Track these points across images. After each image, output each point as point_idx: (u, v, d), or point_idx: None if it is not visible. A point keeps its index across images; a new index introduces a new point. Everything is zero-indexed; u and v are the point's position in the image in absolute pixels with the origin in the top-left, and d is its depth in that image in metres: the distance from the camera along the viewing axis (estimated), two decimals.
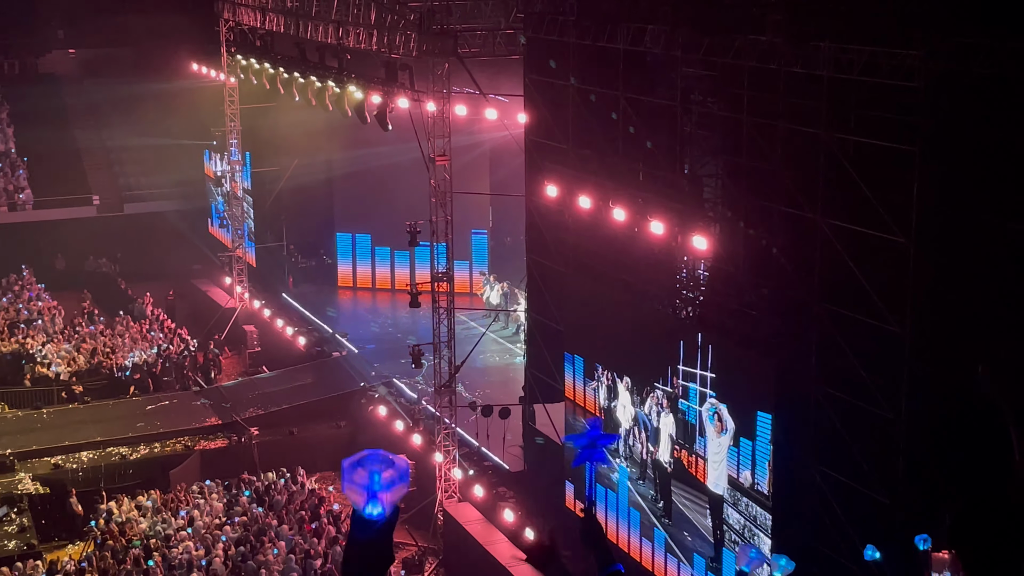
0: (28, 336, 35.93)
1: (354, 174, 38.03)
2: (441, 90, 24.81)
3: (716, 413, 18.42)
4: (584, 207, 21.53)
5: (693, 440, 19.16)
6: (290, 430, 30.22)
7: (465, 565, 24.24)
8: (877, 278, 15.78)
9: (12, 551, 24.95)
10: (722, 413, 18.29)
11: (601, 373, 21.69)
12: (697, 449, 19.08)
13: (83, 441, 29.42)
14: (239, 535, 24.78)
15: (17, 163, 45.26)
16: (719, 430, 18.39)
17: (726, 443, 18.26)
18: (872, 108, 15.85)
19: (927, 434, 15.55)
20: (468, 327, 32.98)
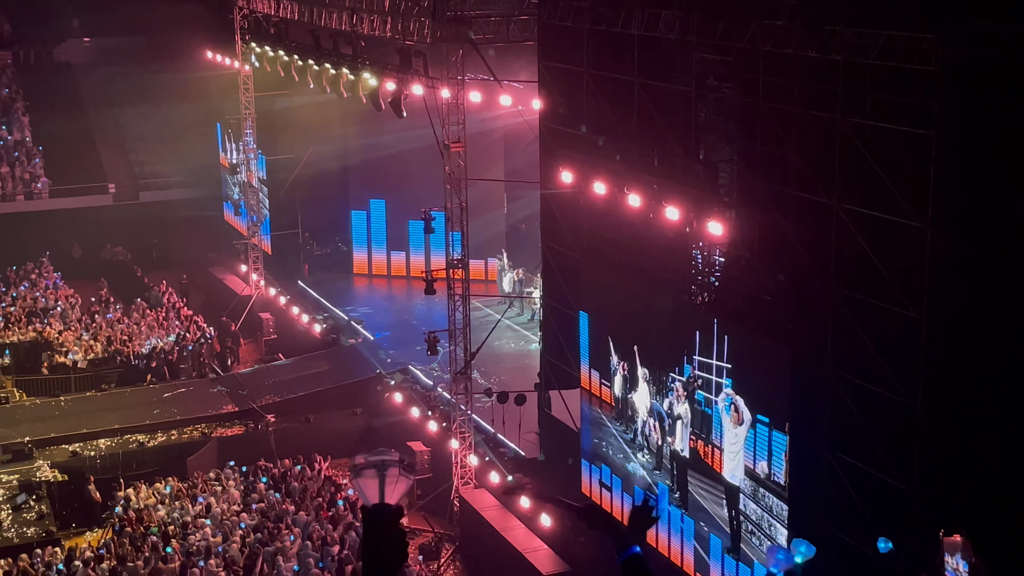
0: (46, 324, 36.11)
1: (369, 161, 38.06)
2: (455, 76, 24.79)
3: (732, 404, 18.39)
4: (599, 193, 21.49)
5: (709, 431, 19.14)
6: (306, 417, 30.32)
7: (481, 551, 24.30)
8: (893, 263, 15.72)
9: (31, 538, 25.11)
10: (738, 404, 18.26)
11: (618, 363, 21.68)
12: (713, 439, 19.05)
13: (101, 429, 29.57)
14: (256, 522, 24.88)
15: (33, 152, 45.41)
16: (736, 421, 18.37)
17: (743, 434, 18.24)
18: (888, 92, 15.78)
19: (944, 419, 15.50)
20: (483, 314, 33.01)
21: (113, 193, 45.07)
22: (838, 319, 16.83)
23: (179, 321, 36.76)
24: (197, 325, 36.38)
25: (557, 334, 24.84)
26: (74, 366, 33.37)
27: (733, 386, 18.36)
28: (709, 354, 18.82)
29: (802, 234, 17.51)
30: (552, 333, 25.29)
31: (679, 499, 20.16)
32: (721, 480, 18.99)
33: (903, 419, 15.82)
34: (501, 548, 23.21)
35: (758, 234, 18.41)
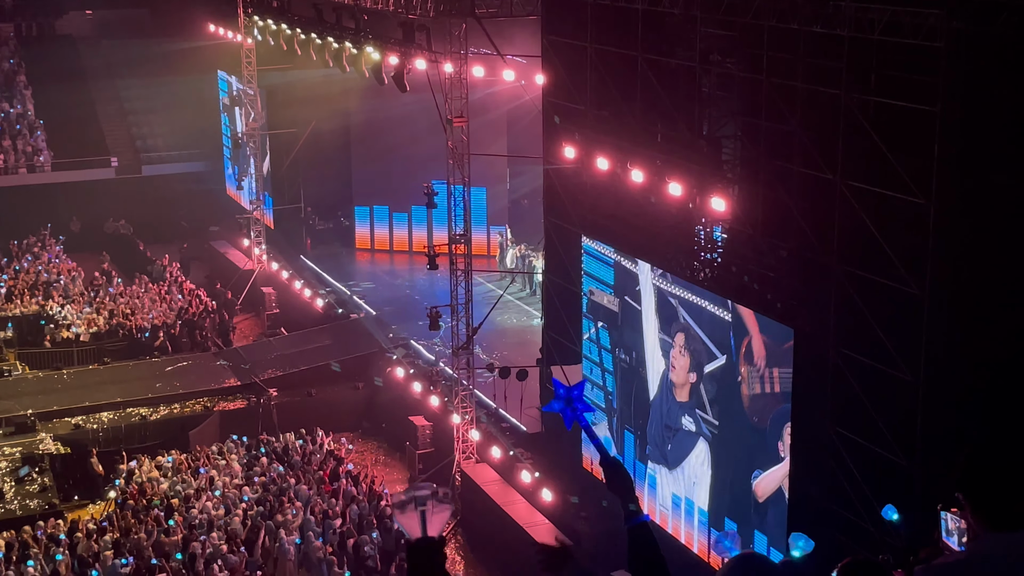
0: (49, 298, 36.15)
1: (371, 135, 38.00)
2: (458, 51, 24.71)
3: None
4: (602, 169, 21.45)
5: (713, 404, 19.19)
6: (308, 391, 30.38)
7: (483, 525, 24.38)
8: (896, 239, 15.69)
9: (34, 510, 25.22)
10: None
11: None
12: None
13: (103, 402, 29.65)
14: (258, 495, 24.96)
15: (35, 125, 45.33)
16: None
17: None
18: (892, 68, 15.71)
19: (945, 396, 15.51)
20: (485, 289, 33.01)
21: (115, 166, 45.01)
22: (841, 295, 16.82)
23: (181, 295, 36.79)
24: (199, 299, 36.41)
25: (559, 309, 24.84)
26: (76, 339, 33.43)
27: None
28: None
29: (805, 210, 17.48)
30: (554, 308, 25.29)
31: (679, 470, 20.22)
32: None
33: (905, 395, 15.83)
34: (502, 522, 23.29)
35: (761, 210, 18.39)
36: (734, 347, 18.45)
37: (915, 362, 15.62)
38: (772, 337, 17.61)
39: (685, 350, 19.82)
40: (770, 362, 17.73)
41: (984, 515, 3.84)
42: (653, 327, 20.64)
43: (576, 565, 4.88)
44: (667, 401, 20.52)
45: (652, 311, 20.62)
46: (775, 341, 17.54)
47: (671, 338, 20.19)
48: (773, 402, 17.76)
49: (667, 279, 20.13)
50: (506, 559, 23.31)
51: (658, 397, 20.81)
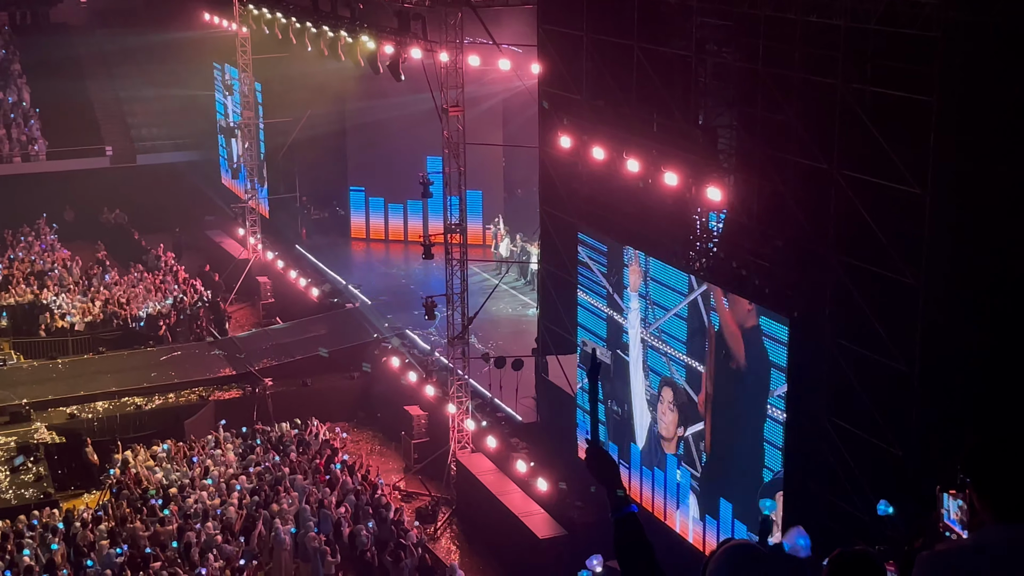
0: (44, 287, 36.12)
1: (367, 125, 37.93)
2: (454, 40, 24.66)
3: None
4: (598, 158, 21.42)
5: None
6: (304, 381, 30.36)
7: (478, 515, 24.40)
8: (892, 229, 15.69)
9: (29, 499, 25.20)
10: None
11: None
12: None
13: (98, 391, 29.62)
14: (253, 485, 24.96)
15: (30, 113, 45.22)
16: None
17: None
18: (889, 58, 15.69)
19: (941, 386, 15.52)
20: (481, 279, 32.99)
21: (110, 156, 44.93)
22: (836, 285, 16.82)
23: (176, 284, 36.76)
24: (194, 288, 36.38)
25: (555, 300, 24.83)
26: (71, 328, 33.39)
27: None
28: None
29: (801, 200, 17.47)
30: (550, 299, 25.28)
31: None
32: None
33: (900, 385, 15.84)
34: (497, 512, 23.30)
35: (757, 200, 18.37)
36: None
37: (911, 352, 15.63)
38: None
39: (673, 406, 19.96)
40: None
41: (990, 503, 3.84)
42: (640, 381, 20.82)
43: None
44: (656, 453, 20.65)
45: (640, 365, 20.79)
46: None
47: (658, 392, 20.34)
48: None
49: (654, 334, 20.24)
50: (502, 548, 23.33)
51: (646, 447, 20.94)
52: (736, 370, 18.46)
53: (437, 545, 24.17)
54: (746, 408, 18.30)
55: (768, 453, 17.82)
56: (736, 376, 18.52)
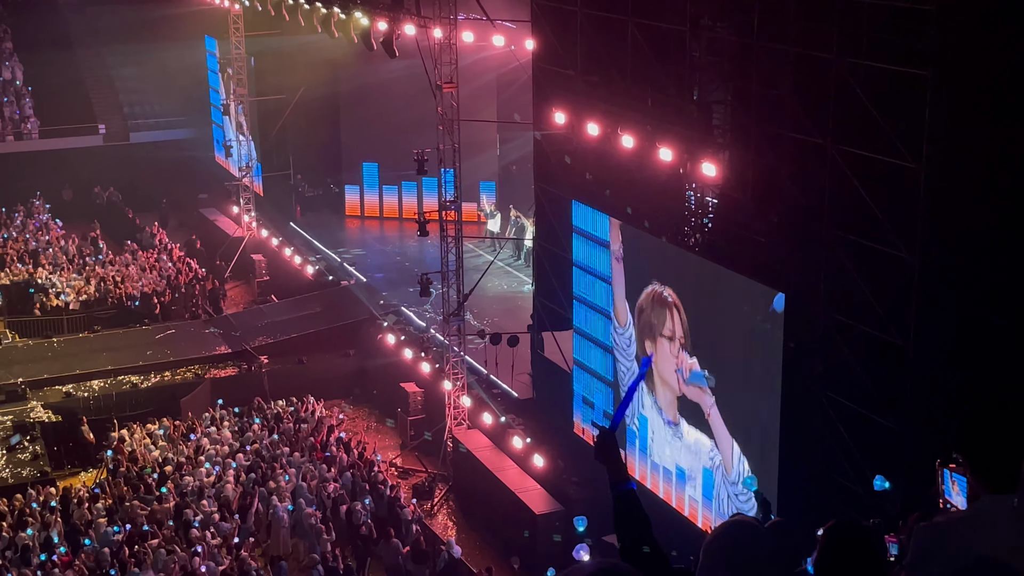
0: (39, 266, 36.08)
1: (360, 101, 37.83)
2: (448, 16, 24.57)
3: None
4: (592, 134, 21.40)
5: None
6: (299, 358, 30.38)
7: (474, 491, 24.47)
8: (887, 204, 15.70)
9: (26, 478, 25.26)
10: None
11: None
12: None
13: (94, 370, 29.63)
14: (251, 462, 25.01)
15: (23, 92, 45.05)
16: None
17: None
18: (884, 32, 15.66)
19: (935, 359, 15.57)
20: (476, 255, 32.99)
21: (103, 134, 44.80)
22: (831, 260, 16.84)
23: (171, 263, 36.72)
24: (189, 266, 36.35)
25: (549, 276, 24.84)
26: (66, 307, 33.37)
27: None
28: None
29: (796, 175, 17.47)
30: (545, 275, 25.29)
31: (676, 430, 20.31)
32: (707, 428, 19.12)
33: (895, 359, 15.88)
34: (494, 488, 23.37)
35: (752, 175, 18.37)
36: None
37: (905, 326, 15.67)
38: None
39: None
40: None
41: (983, 476, 3.88)
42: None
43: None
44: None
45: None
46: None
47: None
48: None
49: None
50: (498, 524, 23.41)
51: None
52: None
53: (434, 521, 24.25)
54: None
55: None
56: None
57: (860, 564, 4.23)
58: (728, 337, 18.70)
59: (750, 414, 18.23)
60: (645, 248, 20.78)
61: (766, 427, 17.87)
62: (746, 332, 18.19)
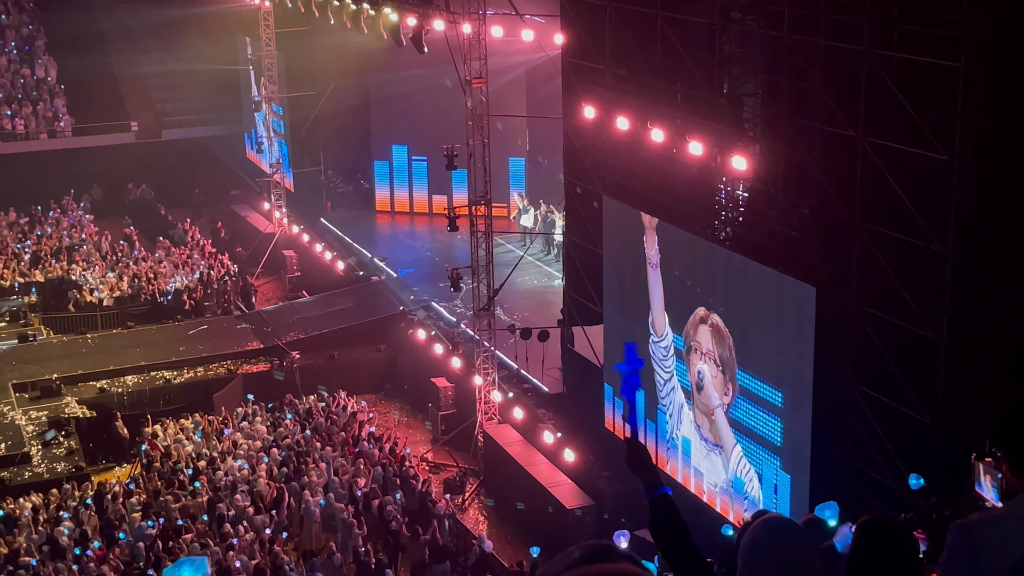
0: (73, 263, 36.39)
1: (390, 97, 37.89)
2: (477, 11, 24.58)
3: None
4: (622, 128, 21.35)
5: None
6: (330, 353, 30.50)
7: (505, 486, 24.50)
8: (919, 196, 15.60)
9: (61, 473, 25.47)
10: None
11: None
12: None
13: (128, 366, 29.85)
14: (283, 457, 25.14)
15: (56, 90, 45.40)
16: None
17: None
18: (915, 23, 15.56)
19: (968, 353, 15.46)
20: (506, 250, 32.99)
21: (135, 131, 45.09)
22: (863, 253, 16.75)
23: (203, 259, 36.95)
24: (221, 263, 36.56)
25: (580, 270, 24.82)
26: (100, 304, 33.63)
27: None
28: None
29: (827, 168, 17.38)
30: (575, 269, 25.27)
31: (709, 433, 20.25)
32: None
33: (928, 353, 15.78)
34: (525, 482, 23.39)
35: (782, 168, 18.29)
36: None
37: (938, 319, 15.57)
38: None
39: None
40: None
41: (1021, 472, 3.82)
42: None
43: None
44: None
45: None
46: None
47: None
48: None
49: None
50: (529, 518, 23.43)
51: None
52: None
53: (465, 516, 24.30)
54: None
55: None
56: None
57: (893, 558, 4.22)
58: (761, 338, 18.62)
59: (781, 405, 18.15)
60: (682, 257, 20.54)
61: (797, 421, 17.79)
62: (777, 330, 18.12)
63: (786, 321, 17.83)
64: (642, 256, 21.37)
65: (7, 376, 29.41)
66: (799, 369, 17.53)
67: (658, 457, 21.14)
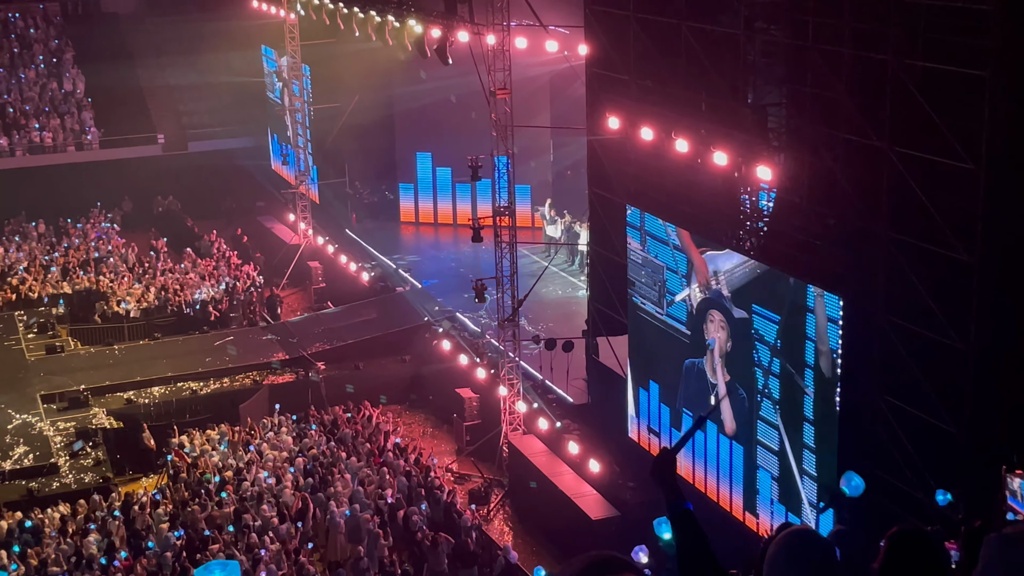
0: (100, 274, 36.63)
1: (415, 109, 38.01)
2: (501, 22, 24.63)
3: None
4: (646, 139, 21.35)
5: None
6: (356, 364, 30.56)
7: (531, 496, 24.47)
8: (945, 205, 15.52)
9: (89, 484, 25.62)
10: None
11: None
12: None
13: (154, 377, 30.00)
14: (308, 467, 25.19)
15: (83, 103, 45.74)
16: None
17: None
18: (941, 32, 15.49)
19: (996, 363, 15.36)
20: (530, 260, 33.01)
21: (162, 143, 45.38)
22: (890, 263, 16.67)
23: (228, 271, 37.11)
24: (247, 274, 36.72)
25: (604, 280, 24.80)
26: (127, 315, 33.83)
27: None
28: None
29: (853, 177, 17.31)
30: (599, 279, 25.25)
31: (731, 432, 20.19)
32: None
33: (955, 363, 15.69)
34: (550, 493, 23.36)
35: (808, 178, 18.23)
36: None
37: (965, 329, 15.47)
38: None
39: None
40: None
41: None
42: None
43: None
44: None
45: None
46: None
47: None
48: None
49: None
50: (554, 529, 23.40)
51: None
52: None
53: (490, 527, 24.29)
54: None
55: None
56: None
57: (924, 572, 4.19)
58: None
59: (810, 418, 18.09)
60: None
61: (824, 432, 17.72)
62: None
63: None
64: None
65: (35, 387, 29.63)
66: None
67: (695, 472, 21.07)
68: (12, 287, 35.88)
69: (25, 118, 44.44)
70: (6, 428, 27.69)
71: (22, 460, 26.43)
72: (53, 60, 47.47)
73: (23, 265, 37.68)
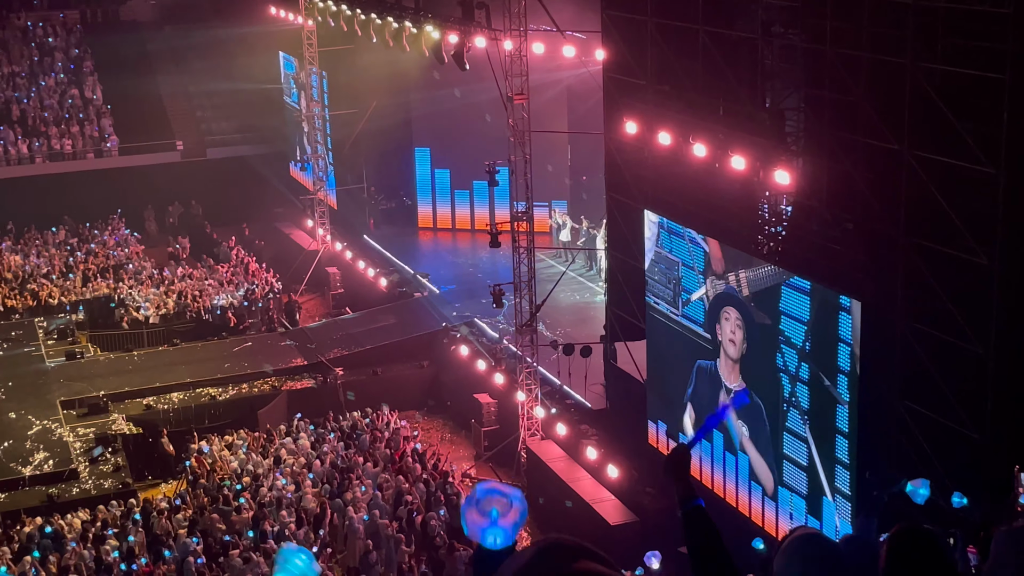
0: (120, 280, 36.78)
1: (432, 114, 38.06)
2: (518, 28, 24.65)
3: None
4: (664, 143, 21.33)
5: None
6: (374, 370, 30.61)
7: (548, 501, 24.43)
8: (965, 210, 15.46)
9: (108, 490, 25.72)
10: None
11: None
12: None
13: (173, 382, 30.10)
14: (327, 473, 25.22)
15: (102, 110, 45.97)
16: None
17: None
18: (960, 36, 15.45)
19: (1016, 368, 15.29)
20: (548, 266, 33.00)
21: (181, 150, 45.57)
22: (908, 267, 16.61)
23: (246, 278, 37.22)
24: (266, 280, 36.82)
25: (622, 285, 24.77)
26: (146, 321, 33.96)
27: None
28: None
29: (871, 181, 17.26)
30: (617, 284, 25.23)
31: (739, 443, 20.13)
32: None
33: (975, 368, 15.62)
34: (568, 498, 23.33)
35: (826, 182, 18.18)
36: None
37: (985, 334, 15.40)
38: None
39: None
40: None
41: None
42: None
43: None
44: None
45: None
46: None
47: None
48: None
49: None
50: (573, 534, 23.29)
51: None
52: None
53: None
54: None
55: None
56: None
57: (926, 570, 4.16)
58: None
59: (825, 424, 18.01)
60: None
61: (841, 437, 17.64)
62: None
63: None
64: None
65: (55, 393, 29.78)
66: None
67: (714, 475, 21.02)
68: (32, 293, 36.06)
69: (45, 125, 44.69)
70: (26, 434, 27.84)
71: (42, 466, 26.56)
72: (72, 68, 47.70)
73: (43, 272, 37.87)
